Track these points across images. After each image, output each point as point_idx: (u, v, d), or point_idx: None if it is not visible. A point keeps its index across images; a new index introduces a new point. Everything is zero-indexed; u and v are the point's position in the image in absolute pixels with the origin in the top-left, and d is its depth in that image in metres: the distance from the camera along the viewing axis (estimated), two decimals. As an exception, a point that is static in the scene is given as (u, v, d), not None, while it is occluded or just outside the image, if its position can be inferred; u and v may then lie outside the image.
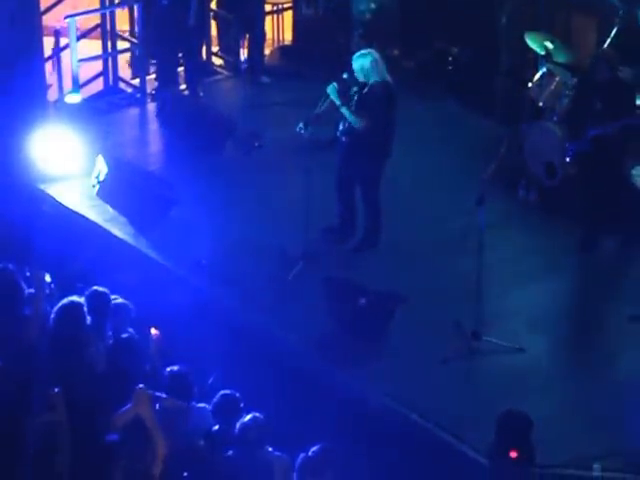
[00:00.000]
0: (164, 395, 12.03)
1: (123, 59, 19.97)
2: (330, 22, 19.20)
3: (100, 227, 16.61)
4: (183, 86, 19.09)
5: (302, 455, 11.31)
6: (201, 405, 12.29)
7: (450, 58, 18.45)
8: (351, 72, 15.02)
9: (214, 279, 15.23)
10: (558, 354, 13.86)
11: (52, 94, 18.71)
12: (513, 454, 12.15)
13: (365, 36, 15.99)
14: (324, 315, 14.30)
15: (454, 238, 14.60)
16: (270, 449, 11.72)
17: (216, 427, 11.88)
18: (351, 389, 13.48)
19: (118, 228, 16.48)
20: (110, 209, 16.74)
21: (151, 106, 19.10)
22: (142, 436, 11.41)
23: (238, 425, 11.75)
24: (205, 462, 11.60)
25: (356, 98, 14.95)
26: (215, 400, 12.04)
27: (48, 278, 13.82)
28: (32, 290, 13.47)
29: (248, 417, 11.72)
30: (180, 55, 19.15)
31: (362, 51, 15.19)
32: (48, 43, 18.79)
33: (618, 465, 12.16)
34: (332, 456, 11.28)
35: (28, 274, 13.86)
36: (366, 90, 14.90)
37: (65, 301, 12.88)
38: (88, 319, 12.79)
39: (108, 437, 11.42)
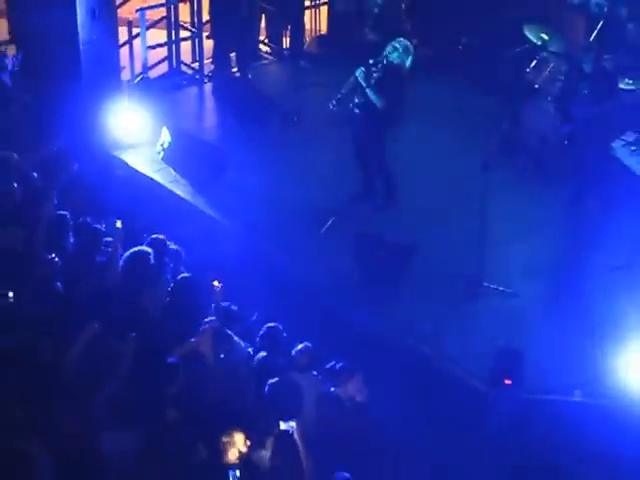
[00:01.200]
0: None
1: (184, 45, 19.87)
2: (358, 16, 19.12)
3: (164, 187, 16.72)
4: (235, 69, 18.96)
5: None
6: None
7: (460, 47, 18.32)
8: (375, 59, 14.94)
9: (260, 232, 15.15)
10: (547, 298, 13.79)
11: (125, 75, 18.68)
12: (507, 382, 12.14)
13: (374, 28, 15.85)
14: (351, 263, 14.25)
15: (462, 198, 14.61)
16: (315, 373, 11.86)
17: (263, 354, 11.89)
18: (371, 324, 13.47)
19: (179, 189, 16.64)
20: (173, 172, 16.76)
21: (208, 86, 19.21)
22: (200, 365, 11.39)
23: (293, 351, 12.00)
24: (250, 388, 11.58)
25: (375, 79, 14.84)
26: (262, 332, 12.22)
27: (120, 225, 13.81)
28: (110, 239, 13.65)
29: (300, 346, 11.97)
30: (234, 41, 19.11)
31: (398, 40, 15.15)
32: (122, 32, 18.74)
33: (596, 392, 12.03)
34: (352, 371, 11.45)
35: (104, 227, 13.90)
36: (386, 72, 14.86)
37: (135, 249, 12.94)
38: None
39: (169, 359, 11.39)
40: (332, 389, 11.66)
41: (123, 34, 19.09)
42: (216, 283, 12.55)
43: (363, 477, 10.32)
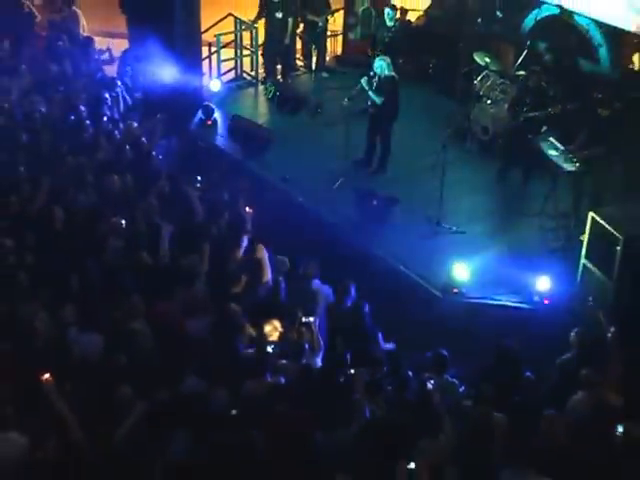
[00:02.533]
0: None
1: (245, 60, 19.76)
2: (363, 43, 19.00)
3: (225, 153, 16.80)
4: (279, 76, 18.88)
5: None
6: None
7: (431, 65, 18.17)
8: (374, 71, 14.98)
9: (292, 185, 15.25)
10: (485, 234, 13.84)
11: (206, 80, 18.61)
12: (455, 290, 12.18)
13: (382, 51, 15.83)
14: (353, 208, 14.35)
15: (429, 168, 14.55)
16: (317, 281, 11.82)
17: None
18: (364, 248, 13.64)
19: (237, 154, 16.53)
20: (233, 143, 16.72)
21: (260, 88, 18.93)
22: (258, 268, 11.55)
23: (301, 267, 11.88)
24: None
25: (375, 85, 14.85)
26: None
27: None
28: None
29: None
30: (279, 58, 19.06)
31: (380, 57, 15.15)
32: (205, 50, 18.72)
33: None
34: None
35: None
36: (381, 80, 14.87)
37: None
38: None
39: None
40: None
41: (205, 51, 19.02)
42: (248, 209, 12.87)
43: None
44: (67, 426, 8.39)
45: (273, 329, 10.54)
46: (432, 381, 9.05)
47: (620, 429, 8.52)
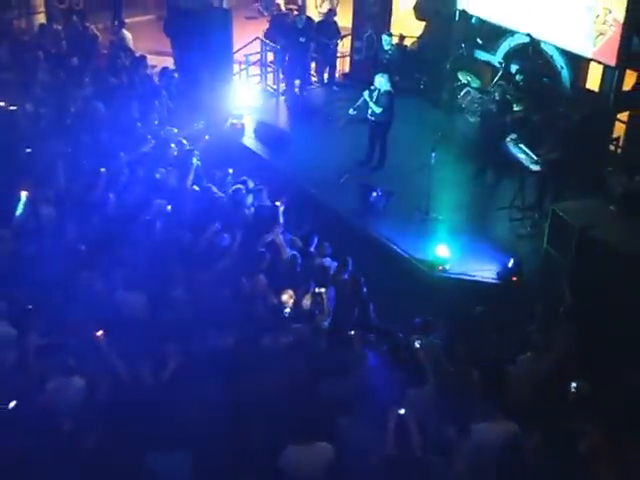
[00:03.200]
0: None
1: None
2: (366, 63, 18.91)
3: (252, 151, 16.69)
4: (297, 90, 18.81)
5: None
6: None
7: (422, 82, 18.12)
8: (375, 86, 14.97)
9: (306, 179, 15.31)
10: (464, 222, 13.84)
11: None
12: (440, 268, 12.16)
13: (384, 70, 15.74)
14: (357, 199, 14.29)
15: (419, 166, 14.50)
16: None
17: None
18: (367, 232, 13.64)
19: (262, 152, 16.51)
20: (258, 143, 16.66)
21: (281, 99, 18.91)
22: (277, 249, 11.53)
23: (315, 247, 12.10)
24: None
25: (375, 98, 14.82)
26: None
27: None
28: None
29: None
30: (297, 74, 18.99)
31: (380, 74, 15.09)
32: (236, 67, 18.67)
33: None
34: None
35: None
36: (380, 94, 14.84)
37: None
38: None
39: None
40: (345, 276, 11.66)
41: (236, 68, 18.99)
42: (278, 203, 12.65)
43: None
44: (116, 371, 8.47)
45: (289, 297, 10.56)
46: (419, 341, 9.04)
47: (574, 385, 8.56)
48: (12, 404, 8.01)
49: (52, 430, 7.70)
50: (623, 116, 14.70)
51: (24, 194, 11.65)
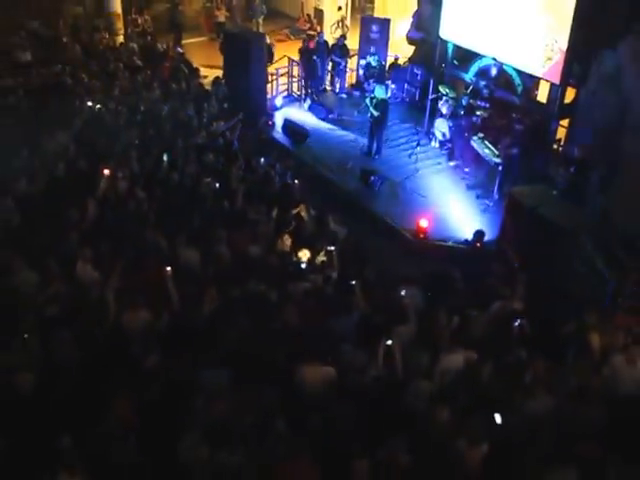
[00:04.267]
0: None
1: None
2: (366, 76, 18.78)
3: (279, 142, 16.62)
4: (315, 97, 18.66)
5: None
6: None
7: (411, 92, 17.93)
8: (374, 94, 15.03)
9: (319, 164, 15.09)
10: (441, 199, 13.75)
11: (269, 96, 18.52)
12: (422, 236, 12.14)
13: (381, 82, 15.73)
14: (359, 180, 14.22)
15: (407, 156, 14.45)
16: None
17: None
18: (367, 207, 13.38)
19: (287, 144, 16.59)
20: (284, 136, 16.62)
21: (303, 103, 18.68)
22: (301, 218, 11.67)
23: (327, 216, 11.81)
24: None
25: (374, 103, 14.81)
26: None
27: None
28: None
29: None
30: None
31: (378, 85, 15.11)
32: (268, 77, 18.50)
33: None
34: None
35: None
36: (378, 101, 14.83)
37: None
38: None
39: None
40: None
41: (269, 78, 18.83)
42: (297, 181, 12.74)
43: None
44: (174, 304, 8.56)
45: (304, 254, 10.56)
46: (404, 291, 9.06)
47: (517, 322, 8.68)
48: (94, 330, 8.09)
49: (123, 351, 7.77)
50: (564, 122, 14.62)
51: (106, 172, 11.68)
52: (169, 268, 8.65)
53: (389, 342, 7.72)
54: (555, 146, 14.83)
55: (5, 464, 6.18)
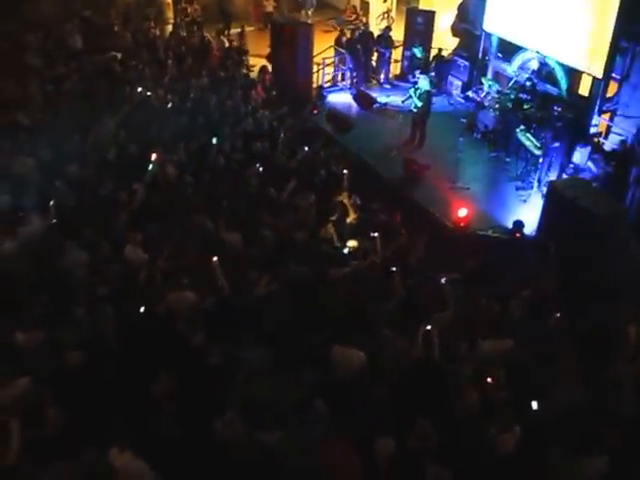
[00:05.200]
0: None
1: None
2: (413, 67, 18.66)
3: (325, 130, 16.56)
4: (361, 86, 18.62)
5: None
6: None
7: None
8: (418, 85, 14.96)
9: (361, 151, 15.10)
10: (482, 190, 13.66)
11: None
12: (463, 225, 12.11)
13: (425, 73, 15.64)
14: (402, 170, 14.20)
15: (450, 147, 14.41)
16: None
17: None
18: (409, 196, 13.47)
19: (333, 132, 16.53)
20: (330, 125, 16.60)
21: (348, 92, 18.64)
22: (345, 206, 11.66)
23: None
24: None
25: (418, 94, 14.73)
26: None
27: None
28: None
29: None
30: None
31: (422, 76, 15.02)
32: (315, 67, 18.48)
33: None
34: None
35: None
36: (422, 92, 14.76)
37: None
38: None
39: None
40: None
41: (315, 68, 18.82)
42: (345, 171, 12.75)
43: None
44: (220, 286, 8.65)
45: (352, 243, 10.49)
46: (444, 279, 9.03)
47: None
48: (142, 309, 8.22)
49: (170, 331, 7.87)
50: (606, 116, 14.44)
51: (154, 156, 11.81)
52: (216, 258, 8.75)
53: (428, 327, 7.72)
54: (596, 140, 14.64)
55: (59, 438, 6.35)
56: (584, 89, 14.99)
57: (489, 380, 7.25)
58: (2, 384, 6.76)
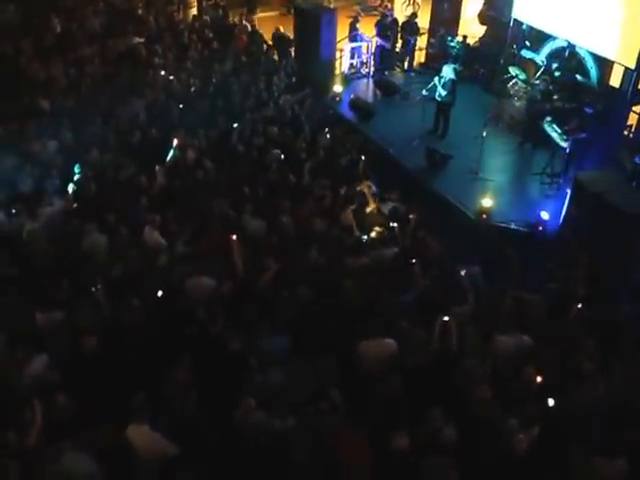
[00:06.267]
0: None
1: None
2: (438, 56, 18.54)
3: (346, 118, 16.50)
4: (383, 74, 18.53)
5: None
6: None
7: (480, 72, 17.75)
8: (442, 74, 14.97)
9: (384, 140, 15.04)
10: (505, 182, 13.63)
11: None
12: (484, 217, 12.04)
13: (451, 62, 15.54)
14: (423, 159, 14.23)
15: (473, 137, 14.26)
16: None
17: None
18: (430, 186, 13.50)
19: (353, 120, 16.47)
20: (351, 112, 16.64)
21: (370, 79, 18.53)
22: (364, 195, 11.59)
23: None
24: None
25: (442, 83, 14.69)
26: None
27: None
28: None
29: None
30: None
31: (447, 64, 14.96)
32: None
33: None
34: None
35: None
36: (446, 80, 14.69)
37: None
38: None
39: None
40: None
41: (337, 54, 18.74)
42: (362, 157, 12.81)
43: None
44: (237, 269, 8.72)
45: (375, 232, 10.56)
46: (464, 271, 9.04)
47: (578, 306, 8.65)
48: (159, 293, 8.31)
49: (189, 316, 7.96)
50: (637, 108, 14.29)
51: (175, 141, 11.90)
52: (234, 237, 8.81)
53: (445, 318, 7.75)
54: (626, 132, 14.51)
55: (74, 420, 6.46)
56: (615, 80, 14.86)
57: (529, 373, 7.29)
58: (22, 363, 6.92)
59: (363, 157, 12.83)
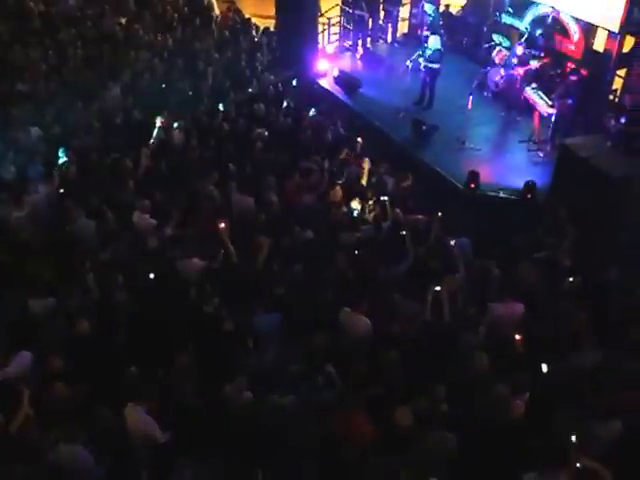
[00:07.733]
0: None
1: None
2: (420, 26, 18.43)
3: (331, 92, 16.37)
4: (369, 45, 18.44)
5: None
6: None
7: (464, 41, 17.62)
8: (427, 44, 14.86)
9: (372, 113, 15.01)
10: (492, 151, 13.66)
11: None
12: (472, 185, 12.04)
13: (435, 31, 15.41)
14: (410, 130, 14.22)
15: (459, 106, 14.30)
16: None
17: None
18: (418, 157, 13.52)
19: (339, 94, 16.28)
20: (336, 86, 16.49)
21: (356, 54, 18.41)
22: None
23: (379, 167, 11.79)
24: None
25: (427, 53, 14.61)
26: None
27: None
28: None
29: None
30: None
31: (433, 35, 14.89)
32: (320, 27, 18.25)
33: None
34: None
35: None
36: (432, 51, 14.58)
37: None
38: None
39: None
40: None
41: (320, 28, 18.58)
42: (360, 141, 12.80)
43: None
44: (228, 252, 8.70)
45: (357, 203, 10.62)
46: (453, 241, 9.09)
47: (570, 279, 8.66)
48: (151, 275, 8.33)
49: (182, 296, 8.00)
50: (621, 72, 14.26)
51: (159, 121, 11.86)
52: (223, 225, 8.81)
53: (437, 287, 7.81)
54: (611, 97, 14.51)
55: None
56: (599, 44, 14.81)
57: (517, 338, 7.36)
58: (13, 354, 6.94)
59: (359, 139, 12.88)
